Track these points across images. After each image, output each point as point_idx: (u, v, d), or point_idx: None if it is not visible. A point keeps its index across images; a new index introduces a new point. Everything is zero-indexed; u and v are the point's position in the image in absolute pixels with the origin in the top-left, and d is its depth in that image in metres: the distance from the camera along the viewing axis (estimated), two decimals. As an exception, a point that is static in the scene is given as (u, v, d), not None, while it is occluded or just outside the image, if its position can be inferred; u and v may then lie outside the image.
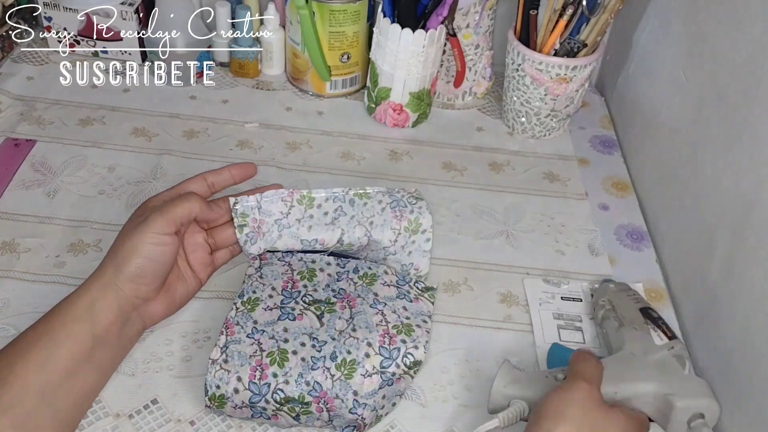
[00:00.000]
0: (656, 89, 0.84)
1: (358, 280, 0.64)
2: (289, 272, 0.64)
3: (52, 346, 0.52)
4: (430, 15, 0.82)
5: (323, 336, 0.59)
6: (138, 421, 0.58)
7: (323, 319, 0.60)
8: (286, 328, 0.59)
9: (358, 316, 0.60)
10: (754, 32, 0.63)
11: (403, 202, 0.67)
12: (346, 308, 0.61)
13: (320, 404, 0.56)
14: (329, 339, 0.59)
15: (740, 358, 0.61)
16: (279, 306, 0.61)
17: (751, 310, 0.59)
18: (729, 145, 0.66)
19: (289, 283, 0.63)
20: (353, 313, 0.61)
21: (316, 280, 0.64)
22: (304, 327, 0.60)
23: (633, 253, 0.77)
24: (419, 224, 0.67)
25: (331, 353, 0.57)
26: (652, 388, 0.56)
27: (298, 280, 0.64)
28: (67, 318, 0.54)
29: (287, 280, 0.63)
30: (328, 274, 0.65)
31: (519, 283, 0.72)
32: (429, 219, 0.67)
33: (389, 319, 0.60)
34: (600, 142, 0.92)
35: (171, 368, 0.62)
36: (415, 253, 0.68)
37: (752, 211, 0.61)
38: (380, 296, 0.62)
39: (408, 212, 0.67)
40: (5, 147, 0.81)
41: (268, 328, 0.59)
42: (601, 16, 0.81)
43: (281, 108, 0.92)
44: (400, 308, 0.62)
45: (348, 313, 0.61)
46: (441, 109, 0.94)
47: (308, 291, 0.63)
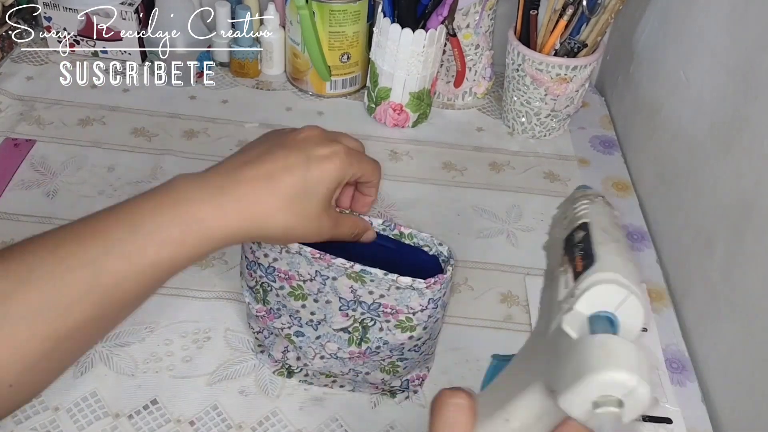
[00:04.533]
0: (656, 89, 0.84)
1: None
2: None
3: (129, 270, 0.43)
4: (430, 15, 0.82)
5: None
6: (137, 421, 0.58)
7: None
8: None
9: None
10: (754, 32, 0.63)
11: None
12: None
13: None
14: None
15: (741, 358, 0.61)
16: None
17: (752, 309, 0.59)
18: (729, 145, 0.66)
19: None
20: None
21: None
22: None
23: (633, 253, 0.77)
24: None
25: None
26: (537, 395, 0.33)
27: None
28: (158, 246, 0.44)
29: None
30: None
31: (519, 283, 0.72)
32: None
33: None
34: (600, 142, 0.92)
35: (171, 368, 0.62)
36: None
37: (752, 210, 0.61)
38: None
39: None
40: (5, 147, 0.81)
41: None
42: (602, 16, 0.81)
43: (281, 108, 0.92)
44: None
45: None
46: (441, 109, 0.94)
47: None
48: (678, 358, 0.66)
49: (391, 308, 0.53)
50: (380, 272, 0.51)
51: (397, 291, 0.52)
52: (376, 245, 0.55)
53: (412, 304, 0.52)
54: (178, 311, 0.65)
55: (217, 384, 0.61)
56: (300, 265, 0.53)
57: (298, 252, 0.52)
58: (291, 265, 0.54)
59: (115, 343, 0.63)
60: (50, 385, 0.46)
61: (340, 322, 0.55)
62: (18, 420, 0.57)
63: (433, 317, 0.54)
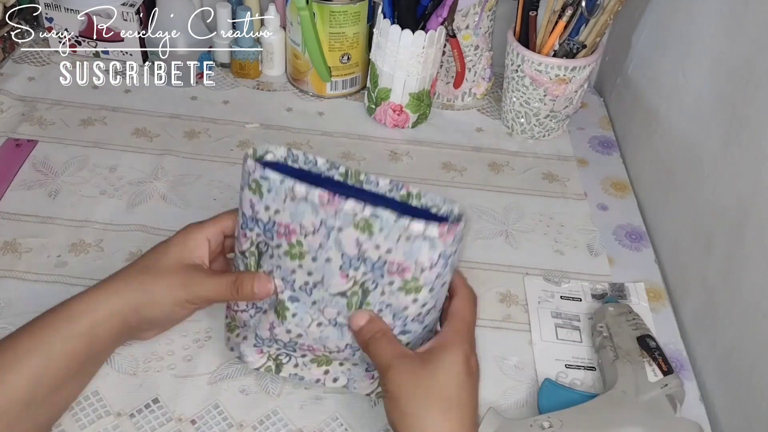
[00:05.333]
0: (655, 90, 0.84)
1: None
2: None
3: (47, 358, 0.51)
4: (430, 16, 0.82)
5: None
6: (139, 420, 0.58)
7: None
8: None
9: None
10: (754, 32, 0.64)
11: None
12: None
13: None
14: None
15: (739, 358, 0.61)
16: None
17: (750, 309, 0.60)
18: (727, 145, 0.66)
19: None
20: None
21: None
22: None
23: (632, 253, 0.77)
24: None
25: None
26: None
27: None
28: (67, 333, 0.52)
29: None
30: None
31: (518, 283, 0.72)
32: None
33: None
34: (599, 142, 0.92)
35: (172, 367, 0.62)
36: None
37: (751, 210, 0.61)
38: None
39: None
40: (6, 147, 0.81)
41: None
42: (600, 17, 0.81)
43: (282, 109, 0.92)
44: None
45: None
46: (441, 109, 0.94)
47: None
48: (676, 358, 0.66)
49: (398, 265, 0.50)
50: (392, 216, 0.48)
51: (407, 242, 0.49)
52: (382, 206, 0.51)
53: (421, 259, 0.49)
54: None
55: (219, 383, 0.61)
56: (304, 215, 0.50)
57: (305, 197, 0.49)
58: (294, 216, 0.50)
59: (117, 343, 0.63)
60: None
61: (339, 285, 0.52)
62: (20, 419, 0.57)
63: (441, 278, 0.51)
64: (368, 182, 0.53)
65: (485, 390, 0.62)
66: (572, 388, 0.62)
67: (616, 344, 0.62)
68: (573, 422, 0.56)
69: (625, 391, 0.58)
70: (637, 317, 0.64)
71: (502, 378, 0.64)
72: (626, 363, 0.60)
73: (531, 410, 0.61)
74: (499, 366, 0.65)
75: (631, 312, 0.65)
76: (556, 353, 0.66)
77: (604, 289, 0.71)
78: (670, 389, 0.58)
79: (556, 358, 0.65)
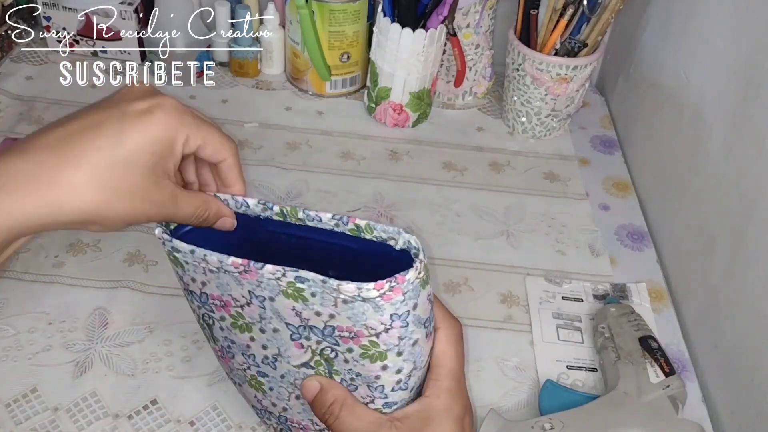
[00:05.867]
0: (657, 89, 0.84)
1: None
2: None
3: None
4: (431, 14, 0.82)
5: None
6: (137, 421, 0.57)
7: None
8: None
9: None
10: (754, 32, 0.63)
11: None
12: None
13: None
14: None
15: (741, 358, 0.61)
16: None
17: (751, 309, 0.59)
18: (729, 145, 0.66)
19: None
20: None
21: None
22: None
23: (633, 253, 0.77)
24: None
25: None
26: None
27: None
28: None
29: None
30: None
31: (519, 284, 0.72)
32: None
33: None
34: (600, 142, 0.92)
35: (171, 369, 0.61)
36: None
37: (753, 210, 0.60)
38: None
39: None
40: (5, 147, 0.81)
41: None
42: (602, 16, 0.81)
43: (281, 108, 0.92)
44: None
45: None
46: (441, 108, 0.94)
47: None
48: (678, 359, 0.66)
49: (348, 330, 0.41)
50: (317, 277, 0.39)
51: (346, 306, 0.40)
52: (335, 247, 0.44)
53: (370, 323, 0.40)
54: (178, 311, 0.65)
55: (217, 384, 0.61)
56: (230, 285, 0.43)
57: (219, 267, 0.42)
58: (221, 287, 0.43)
59: (115, 343, 0.63)
60: None
61: (298, 356, 0.45)
62: (18, 420, 0.57)
63: (408, 339, 0.42)
64: (309, 219, 0.44)
65: (486, 391, 0.62)
66: (574, 389, 0.61)
67: (617, 345, 0.61)
68: (574, 423, 0.56)
69: (627, 392, 0.57)
70: (638, 318, 0.64)
71: (503, 379, 0.63)
72: (628, 364, 0.59)
73: (532, 411, 0.61)
74: (500, 367, 0.64)
75: (632, 313, 0.64)
76: (557, 354, 0.65)
77: (606, 290, 0.71)
78: (672, 390, 0.58)
79: (558, 359, 0.65)
